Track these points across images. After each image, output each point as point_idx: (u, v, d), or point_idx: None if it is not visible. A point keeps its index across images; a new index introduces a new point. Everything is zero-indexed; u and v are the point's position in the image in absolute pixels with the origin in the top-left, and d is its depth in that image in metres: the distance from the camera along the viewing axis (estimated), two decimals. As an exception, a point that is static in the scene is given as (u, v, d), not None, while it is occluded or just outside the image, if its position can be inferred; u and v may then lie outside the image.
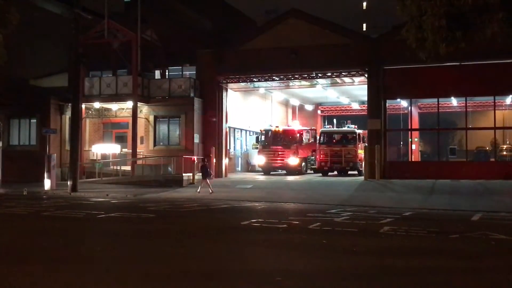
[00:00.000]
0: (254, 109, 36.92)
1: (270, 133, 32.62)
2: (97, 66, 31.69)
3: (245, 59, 28.95)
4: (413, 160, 31.33)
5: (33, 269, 7.69)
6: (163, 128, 30.42)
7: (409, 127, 31.92)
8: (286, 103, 42.54)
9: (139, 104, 29.04)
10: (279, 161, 31.85)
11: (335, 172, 31.63)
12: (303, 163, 32.78)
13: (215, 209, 16.94)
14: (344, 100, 40.29)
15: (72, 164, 24.18)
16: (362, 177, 27.47)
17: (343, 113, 43.09)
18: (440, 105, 28.25)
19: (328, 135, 32.17)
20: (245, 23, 39.22)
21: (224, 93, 30.75)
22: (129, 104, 29.04)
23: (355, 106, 41.52)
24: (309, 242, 10.39)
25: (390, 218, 14.09)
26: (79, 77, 25.70)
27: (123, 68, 30.55)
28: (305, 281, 7.19)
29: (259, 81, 31.79)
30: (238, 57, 29.31)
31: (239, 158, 36.48)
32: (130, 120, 29.23)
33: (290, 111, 43.70)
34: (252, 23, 41.10)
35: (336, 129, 33.25)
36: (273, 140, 32.16)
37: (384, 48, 26.65)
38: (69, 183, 23.85)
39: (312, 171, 33.69)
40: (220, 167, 30.02)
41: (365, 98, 29.58)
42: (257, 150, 33.16)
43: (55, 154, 26.52)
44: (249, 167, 36.90)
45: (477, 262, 8.59)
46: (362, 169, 28.81)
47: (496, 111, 27.87)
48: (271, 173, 32.41)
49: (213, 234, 11.38)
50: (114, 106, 30.33)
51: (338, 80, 31.04)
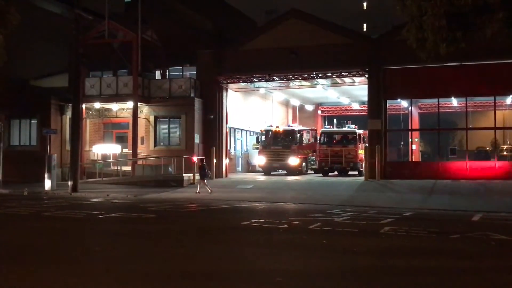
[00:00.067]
0: (254, 109, 36.92)
1: (270, 133, 32.59)
2: (97, 66, 31.73)
3: (246, 59, 28.96)
4: (413, 160, 31.33)
5: (33, 269, 7.69)
6: (163, 128, 30.43)
7: (410, 127, 31.91)
8: (286, 103, 42.53)
9: (139, 104, 29.05)
10: (279, 161, 31.83)
11: (336, 173, 31.63)
12: (304, 164, 32.75)
13: (215, 209, 16.95)
14: (345, 100, 40.29)
15: (73, 164, 24.18)
16: (363, 177, 27.48)
17: (344, 113, 43.08)
18: (440, 105, 28.23)
19: (329, 135, 32.16)
20: (245, 23, 39.25)
21: (225, 93, 30.77)
22: (130, 104, 29.06)
23: (356, 106, 41.51)
24: (310, 242, 10.40)
25: (391, 218, 14.10)
26: (80, 77, 25.69)
27: (124, 68, 30.56)
28: (305, 281, 7.19)
29: (259, 81, 31.78)
30: (239, 57, 29.32)
31: (240, 158, 36.47)
32: (130, 121, 29.25)
33: (290, 111, 43.67)
34: (252, 23, 41.13)
35: (337, 129, 33.24)
36: (273, 141, 32.13)
37: (385, 48, 26.66)
38: (69, 183, 23.86)
39: (313, 172, 33.67)
40: (221, 168, 30.03)
41: (366, 98, 29.59)
42: (258, 150, 33.16)
43: (55, 155, 26.54)
44: (249, 168, 36.89)
45: (478, 262, 8.59)
46: (363, 169, 28.81)
47: (497, 111, 27.88)
48: (272, 173, 32.39)
49: (213, 234, 11.38)
50: (114, 106, 30.35)
51: (338, 80, 31.03)
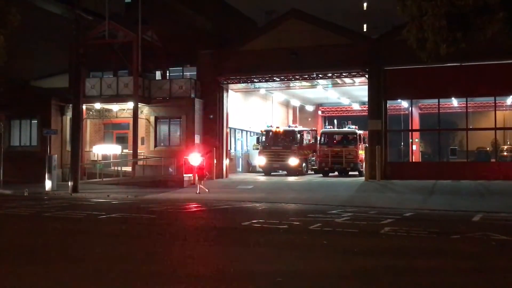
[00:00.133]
0: (254, 110, 36.92)
1: (270, 133, 32.59)
2: (97, 67, 31.76)
3: (246, 60, 28.96)
4: (413, 160, 31.34)
5: (33, 270, 7.69)
6: (163, 128, 30.43)
7: (410, 128, 31.91)
8: (286, 104, 42.53)
9: (140, 104, 29.05)
10: (279, 162, 31.82)
11: (336, 173, 31.64)
12: (304, 164, 32.73)
13: (215, 210, 16.94)
14: (345, 101, 40.29)
15: (73, 164, 24.18)
16: (363, 178, 27.46)
17: (344, 114, 43.06)
18: (440, 106, 28.22)
19: (329, 135, 32.16)
20: (245, 23, 39.21)
21: (225, 94, 30.77)
22: (130, 104, 29.07)
23: (356, 106, 41.50)
24: (310, 242, 10.40)
25: (391, 218, 14.09)
26: (80, 78, 25.70)
27: (124, 68, 30.56)
28: (305, 281, 7.19)
29: (259, 81, 31.78)
30: (239, 57, 29.31)
31: (240, 159, 36.47)
32: (131, 121, 29.26)
33: (290, 111, 43.67)
34: (252, 23, 41.11)
35: (337, 129, 33.22)
36: (273, 141, 32.12)
37: (385, 48, 26.65)
38: (70, 184, 23.84)
39: (313, 172, 33.66)
40: (221, 168, 30.02)
41: (366, 99, 29.58)
42: (258, 150, 33.16)
43: (56, 155, 26.53)
44: (249, 168, 36.89)
45: (478, 262, 8.59)
46: (363, 169, 28.78)
47: (497, 111, 27.85)
48: (272, 173, 32.37)
49: (214, 235, 11.38)
50: (115, 107, 30.36)
51: (338, 80, 31.03)
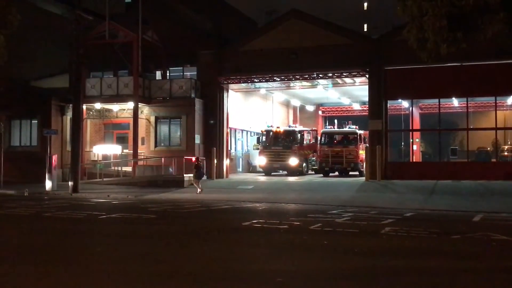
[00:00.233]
0: (255, 110, 36.91)
1: (271, 133, 32.58)
2: (98, 67, 31.75)
3: (246, 60, 28.96)
4: (414, 160, 31.33)
5: (34, 270, 7.69)
6: (164, 129, 30.42)
7: (410, 128, 31.89)
8: (287, 104, 42.52)
9: (140, 105, 29.04)
10: (280, 162, 31.81)
11: (336, 173, 31.63)
12: (304, 164, 32.74)
13: (216, 210, 16.94)
14: (345, 101, 40.28)
15: (73, 165, 24.19)
16: (363, 178, 27.47)
17: (344, 114, 43.04)
18: (441, 106, 28.21)
19: (329, 135, 32.15)
20: (245, 23, 39.25)
21: (225, 94, 30.76)
22: (130, 105, 29.06)
23: (356, 106, 41.50)
24: (310, 243, 10.39)
25: (391, 218, 14.09)
26: (80, 78, 25.69)
27: (124, 68, 30.56)
28: (306, 281, 7.18)
29: (260, 81, 31.78)
30: (239, 58, 29.31)
31: (240, 159, 36.47)
32: (131, 121, 29.24)
33: (291, 111, 43.67)
34: (252, 23, 41.15)
35: (337, 129, 33.18)
36: (274, 141, 32.12)
37: (385, 48, 26.65)
38: (70, 184, 23.85)
39: (313, 172, 33.66)
40: (221, 168, 30.02)
41: (366, 99, 29.59)
42: (258, 151, 33.16)
43: (56, 155, 26.54)
44: (250, 168, 36.89)
45: (478, 262, 8.58)
46: (363, 169, 28.78)
47: (498, 111, 27.87)
48: (272, 173, 32.37)
49: (214, 235, 11.37)
50: (115, 107, 30.35)
51: (339, 80, 31.02)
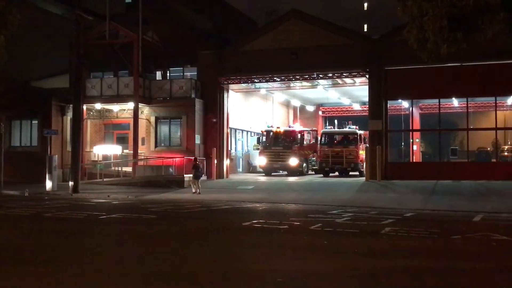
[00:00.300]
0: (255, 110, 36.91)
1: (271, 134, 32.58)
2: (98, 67, 31.76)
3: (246, 60, 28.95)
4: (414, 161, 31.32)
5: (34, 270, 7.69)
6: (164, 129, 30.42)
7: (410, 128, 31.89)
8: (287, 104, 42.52)
9: (140, 105, 29.04)
10: (280, 162, 31.81)
11: (336, 173, 31.63)
12: (304, 164, 32.74)
13: (216, 210, 16.95)
14: (345, 101, 40.27)
15: (74, 165, 24.19)
16: (363, 178, 27.47)
17: (344, 114, 43.01)
18: (441, 106, 28.20)
19: (329, 136, 32.15)
20: (245, 23, 39.26)
21: (225, 94, 30.76)
22: (130, 105, 29.06)
23: (356, 107, 41.48)
24: (310, 243, 10.39)
25: (392, 219, 14.09)
26: (81, 78, 25.68)
27: (124, 69, 30.58)
28: (306, 282, 7.19)
29: (260, 82, 31.78)
30: (239, 58, 29.31)
31: (240, 159, 36.47)
32: (131, 121, 29.25)
33: (291, 112, 43.67)
34: (252, 23, 41.17)
35: (337, 130, 33.20)
36: (274, 141, 32.12)
37: (385, 48, 26.64)
38: (70, 184, 23.86)
39: (313, 172, 33.66)
40: (221, 168, 30.02)
41: (366, 99, 29.58)
42: (258, 151, 33.16)
43: (56, 155, 26.53)
44: (250, 168, 36.88)
45: (479, 263, 8.58)
46: (363, 170, 28.78)
47: (498, 111, 27.86)
48: (272, 174, 32.37)
49: (214, 235, 11.38)
50: (115, 107, 30.36)
51: (339, 81, 31.01)
